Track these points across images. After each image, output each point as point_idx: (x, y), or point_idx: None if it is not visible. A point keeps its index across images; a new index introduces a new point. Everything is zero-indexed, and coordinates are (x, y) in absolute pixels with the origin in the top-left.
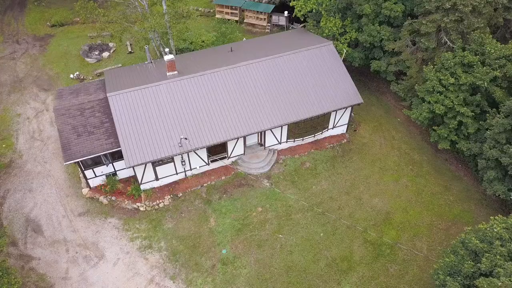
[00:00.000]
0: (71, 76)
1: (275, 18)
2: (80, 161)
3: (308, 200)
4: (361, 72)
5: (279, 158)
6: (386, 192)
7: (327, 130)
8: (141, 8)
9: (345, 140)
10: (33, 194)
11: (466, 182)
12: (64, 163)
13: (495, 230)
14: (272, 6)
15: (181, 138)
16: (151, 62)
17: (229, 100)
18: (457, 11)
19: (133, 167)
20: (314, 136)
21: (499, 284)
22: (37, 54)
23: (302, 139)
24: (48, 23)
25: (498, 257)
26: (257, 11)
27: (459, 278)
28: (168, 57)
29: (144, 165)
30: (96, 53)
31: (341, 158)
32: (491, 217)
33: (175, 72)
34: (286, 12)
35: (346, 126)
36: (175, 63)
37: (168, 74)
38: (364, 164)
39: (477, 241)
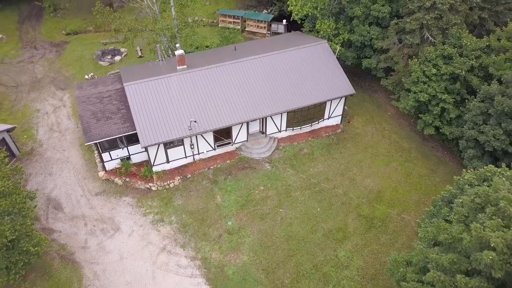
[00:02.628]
0: (86, 76)
1: (274, 26)
2: (99, 143)
3: (306, 180)
4: (354, 73)
5: (279, 145)
6: (377, 174)
7: (323, 120)
8: (152, 14)
9: (339, 130)
10: (53, 177)
11: (451, 166)
12: (85, 144)
13: (465, 177)
14: (272, 16)
15: (190, 121)
16: (162, 60)
17: (233, 91)
18: (436, 9)
19: (146, 149)
20: (311, 126)
21: (460, 201)
22: (54, 58)
23: (300, 128)
24: (63, 31)
25: (466, 197)
26: (258, 20)
27: None
28: (178, 52)
29: (157, 147)
30: (109, 57)
31: (336, 145)
32: (464, 170)
33: (185, 66)
34: (284, 21)
35: (340, 117)
36: (185, 59)
37: (178, 68)
38: (357, 150)
39: (451, 188)
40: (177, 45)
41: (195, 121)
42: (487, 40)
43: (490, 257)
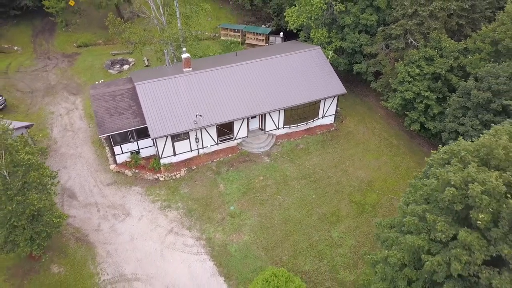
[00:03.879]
0: (96, 83)
1: (272, 38)
2: (111, 136)
3: (302, 171)
4: (346, 79)
5: (277, 141)
6: (368, 166)
7: (318, 119)
8: (160, 24)
9: (333, 128)
10: (68, 170)
11: None
12: (99, 136)
13: (440, 151)
14: (270, 29)
15: (196, 115)
16: (169, 65)
17: (235, 90)
18: (418, 16)
19: (155, 142)
20: (306, 124)
21: (430, 159)
22: (66, 67)
23: (297, 126)
24: (74, 44)
25: (436, 155)
26: (257, 33)
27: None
28: (184, 55)
29: (164, 140)
30: (118, 66)
31: (330, 142)
32: (440, 146)
33: (190, 69)
34: (281, 33)
35: (333, 116)
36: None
37: (184, 70)
38: (350, 146)
39: (428, 159)
40: (183, 49)
41: (200, 115)
42: (464, 43)
43: (451, 192)
